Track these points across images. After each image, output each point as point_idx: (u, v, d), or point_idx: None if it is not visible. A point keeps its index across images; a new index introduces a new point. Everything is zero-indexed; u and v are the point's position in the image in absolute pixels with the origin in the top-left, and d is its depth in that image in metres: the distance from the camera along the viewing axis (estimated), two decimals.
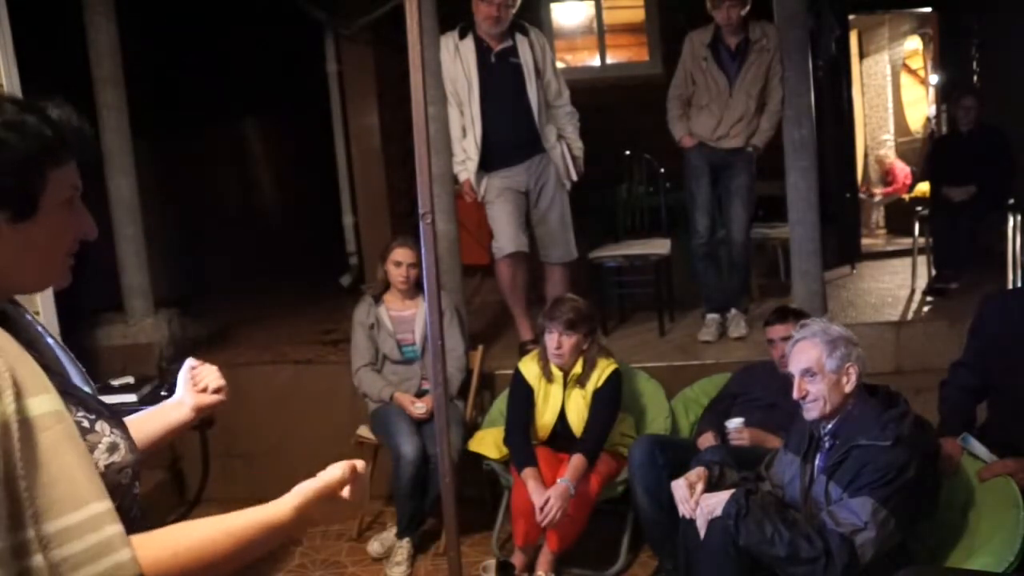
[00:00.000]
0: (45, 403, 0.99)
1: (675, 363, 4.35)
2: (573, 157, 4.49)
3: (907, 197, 8.07)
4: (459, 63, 4.33)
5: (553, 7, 7.52)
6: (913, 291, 5.43)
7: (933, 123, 8.70)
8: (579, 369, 3.58)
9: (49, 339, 1.25)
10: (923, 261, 5.54)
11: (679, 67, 4.73)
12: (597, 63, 7.66)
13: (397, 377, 3.99)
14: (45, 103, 1.14)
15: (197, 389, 1.58)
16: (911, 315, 4.93)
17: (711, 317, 4.74)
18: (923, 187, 6.81)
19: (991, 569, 2.48)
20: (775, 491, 2.87)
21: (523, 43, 4.38)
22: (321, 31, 6.48)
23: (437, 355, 2.47)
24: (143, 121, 4.82)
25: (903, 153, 9.22)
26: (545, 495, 3.32)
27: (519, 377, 3.68)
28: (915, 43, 9.27)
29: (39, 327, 1.25)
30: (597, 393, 3.54)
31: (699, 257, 4.79)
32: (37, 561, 0.93)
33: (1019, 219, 4.87)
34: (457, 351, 4.00)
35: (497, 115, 4.35)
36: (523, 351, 4.27)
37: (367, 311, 4.04)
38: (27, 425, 0.96)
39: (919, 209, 6.08)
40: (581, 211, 4.86)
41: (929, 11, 8.29)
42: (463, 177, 4.44)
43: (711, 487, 2.83)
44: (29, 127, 1.09)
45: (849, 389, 2.69)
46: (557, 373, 3.60)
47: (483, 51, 4.34)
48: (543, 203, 4.50)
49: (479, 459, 3.77)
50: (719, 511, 2.66)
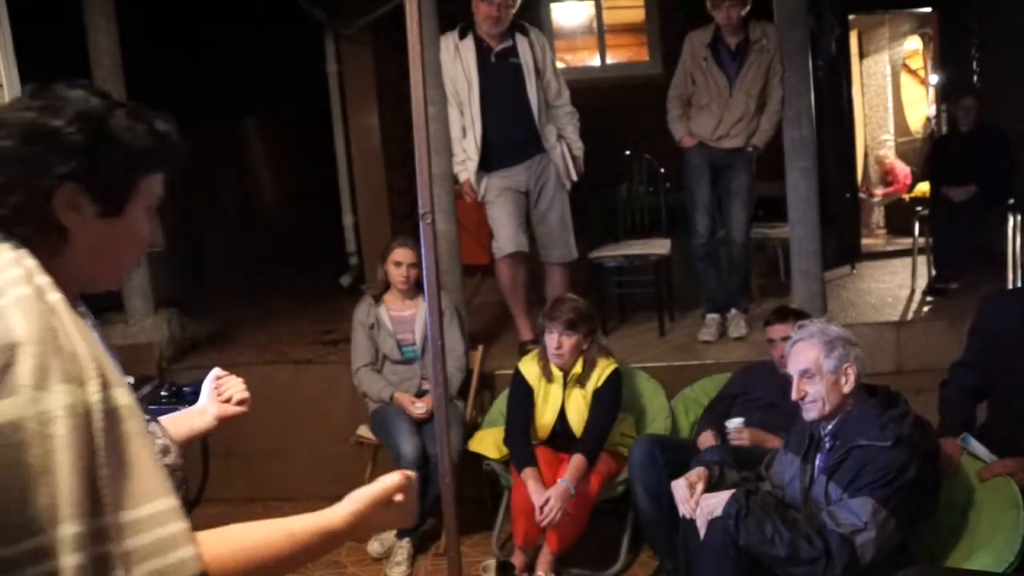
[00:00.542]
0: (124, 396, 1.03)
1: (675, 363, 4.35)
2: (573, 157, 4.49)
3: (907, 197, 8.07)
4: (459, 63, 4.33)
5: (553, 7, 7.52)
6: (913, 291, 5.42)
7: (933, 123, 8.70)
8: (579, 369, 3.58)
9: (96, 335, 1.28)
10: (923, 261, 5.54)
11: (679, 67, 4.73)
12: (597, 63, 7.65)
13: (397, 377, 3.99)
14: (153, 114, 1.19)
15: (221, 399, 1.63)
16: (911, 315, 4.93)
17: (711, 317, 4.74)
18: (923, 187, 6.81)
19: (991, 569, 2.48)
20: (775, 491, 2.87)
21: (523, 43, 4.38)
22: (321, 31, 6.48)
23: (437, 355, 2.47)
24: None
25: (903, 153, 9.21)
26: (545, 495, 3.32)
27: (519, 377, 3.68)
28: (915, 43, 9.27)
29: (89, 321, 1.26)
30: (597, 393, 3.54)
31: (699, 257, 4.79)
32: (111, 548, 0.95)
33: (1019, 219, 4.87)
34: (457, 351, 4.00)
35: (497, 115, 4.35)
36: (523, 351, 4.27)
37: (367, 311, 4.04)
38: (111, 415, 0.99)
39: (919, 209, 6.07)
40: (581, 211, 4.86)
41: (929, 11, 8.28)
42: (463, 177, 4.44)
43: (711, 487, 2.83)
44: (138, 132, 1.15)
45: (848, 389, 2.69)
46: (557, 373, 3.60)
47: (483, 51, 4.34)
48: (543, 203, 4.50)
49: (479, 459, 3.77)
50: (719, 511, 2.66)
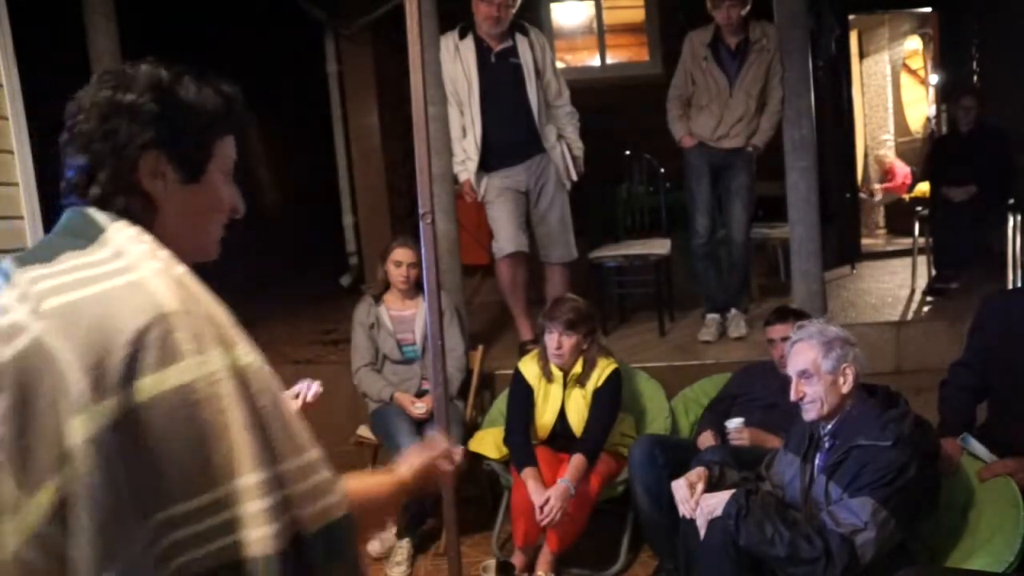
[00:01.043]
0: (259, 358, 1.09)
1: (675, 363, 4.35)
2: (573, 157, 4.49)
3: (907, 197, 8.08)
4: (459, 63, 4.34)
5: (553, 7, 7.52)
6: (913, 291, 5.43)
7: (933, 123, 8.71)
8: (579, 369, 3.58)
9: None
10: (923, 261, 5.54)
11: (679, 67, 4.73)
12: (597, 63, 7.66)
13: (397, 377, 3.99)
14: (216, 80, 1.25)
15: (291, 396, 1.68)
16: (911, 315, 4.94)
17: (711, 317, 4.74)
18: (923, 187, 6.81)
19: (991, 569, 2.48)
20: (775, 491, 2.86)
21: (523, 43, 4.38)
22: (321, 31, 6.48)
23: (437, 355, 2.47)
24: None
25: (903, 153, 9.22)
26: (545, 495, 3.31)
27: (519, 377, 3.68)
28: (915, 43, 9.27)
29: None
30: (597, 393, 3.54)
31: (699, 257, 4.79)
32: (287, 493, 1.04)
33: (1019, 219, 4.87)
34: (457, 351, 4.00)
35: (497, 115, 4.35)
36: (523, 351, 4.27)
37: (367, 311, 4.04)
38: (259, 375, 1.07)
39: (919, 209, 6.08)
40: (581, 211, 4.86)
41: (929, 11, 8.29)
42: (463, 177, 4.44)
43: (711, 487, 2.83)
44: (206, 95, 1.21)
45: (846, 390, 2.69)
46: (557, 373, 3.60)
47: (483, 51, 4.34)
48: (543, 203, 4.50)
49: (479, 459, 3.77)
50: (719, 511, 2.66)
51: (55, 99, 1.36)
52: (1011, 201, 5.05)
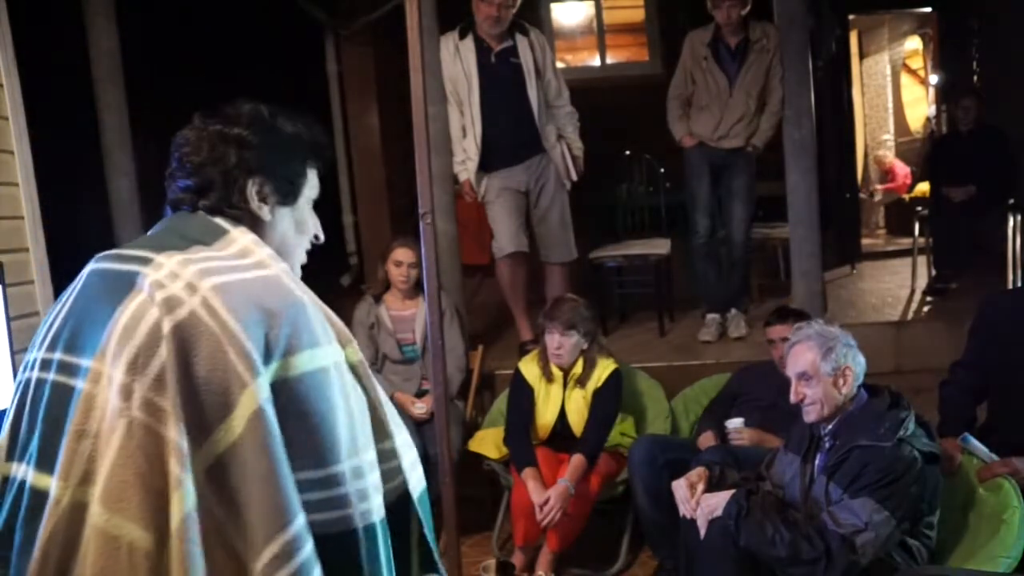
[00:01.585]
0: (358, 354, 1.27)
1: (675, 363, 4.35)
2: (573, 157, 4.49)
3: (907, 197, 8.08)
4: (459, 63, 4.33)
5: (553, 7, 7.52)
6: (913, 291, 5.43)
7: (933, 123, 8.71)
8: (579, 369, 3.58)
9: None
10: (923, 261, 5.54)
11: (679, 67, 4.73)
12: (597, 63, 7.65)
13: (397, 377, 3.99)
14: (305, 118, 1.40)
15: None
16: (911, 315, 4.94)
17: (711, 317, 4.74)
18: (923, 187, 6.82)
19: (991, 569, 2.48)
20: (775, 491, 2.86)
21: (523, 43, 4.38)
22: (321, 31, 6.48)
23: (437, 355, 2.48)
24: (143, 121, 4.81)
25: (903, 153, 9.22)
26: (545, 495, 3.31)
27: (519, 377, 3.68)
28: (915, 43, 9.27)
29: None
30: (597, 393, 3.54)
31: (699, 257, 4.79)
32: (392, 464, 1.26)
33: (1019, 219, 4.87)
34: (457, 351, 4.00)
35: (497, 115, 4.35)
36: (523, 351, 4.27)
37: (367, 311, 4.04)
38: (367, 368, 1.26)
39: (919, 209, 6.08)
40: (581, 211, 4.86)
41: (929, 11, 8.29)
42: (463, 177, 4.44)
43: (711, 487, 2.83)
44: (300, 130, 1.38)
45: (846, 391, 2.69)
46: (557, 373, 3.60)
47: (483, 51, 4.34)
48: (543, 203, 4.50)
49: (479, 459, 3.77)
50: (719, 511, 2.66)
51: (55, 99, 1.39)
52: (1011, 201, 5.05)
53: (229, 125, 1.31)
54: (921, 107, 9.29)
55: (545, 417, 3.62)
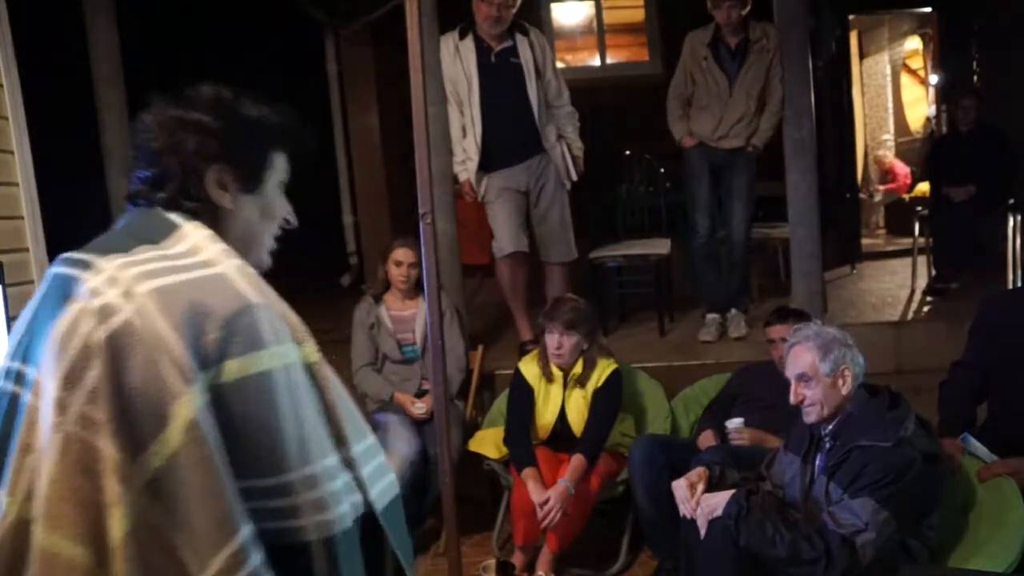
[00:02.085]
0: (322, 358, 1.21)
1: (675, 363, 4.35)
2: (573, 157, 4.49)
3: (907, 197, 8.08)
4: (459, 63, 4.33)
5: (553, 7, 7.51)
6: (913, 291, 5.43)
7: (933, 123, 8.71)
8: (579, 369, 3.58)
9: None
10: (923, 261, 5.54)
11: (679, 67, 4.73)
12: (597, 63, 7.65)
13: (397, 377, 3.99)
14: (271, 101, 1.34)
15: None
16: (911, 315, 4.94)
17: (711, 317, 4.74)
18: (923, 187, 6.81)
19: (991, 569, 2.48)
20: (775, 491, 2.86)
21: (523, 43, 4.38)
22: (321, 31, 6.48)
23: (437, 355, 2.47)
24: None
25: (903, 153, 9.22)
26: (545, 495, 3.31)
27: (519, 377, 3.67)
28: (915, 43, 9.27)
29: None
30: (597, 393, 3.54)
31: (699, 257, 4.79)
32: (358, 473, 1.18)
33: (1019, 219, 4.87)
34: (457, 351, 4.00)
35: (497, 115, 4.35)
36: (523, 351, 4.27)
37: (367, 311, 4.04)
38: (326, 371, 1.20)
39: (919, 209, 6.08)
40: (581, 211, 4.86)
41: (929, 11, 8.29)
42: (463, 177, 4.44)
43: (711, 487, 2.82)
44: (264, 114, 1.32)
45: (846, 391, 2.68)
46: (557, 373, 3.60)
47: (483, 51, 4.34)
48: (543, 203, 4.50)
49: (479, 459, 3.77)
50: (720, 511, 2.66)
51: (55, 99, 1.39)
52: (1011, 201, 5.05)
53: (188, 109, 1.26)
54: (921, 107, 9.29)
55: (545, 417, 3.62)
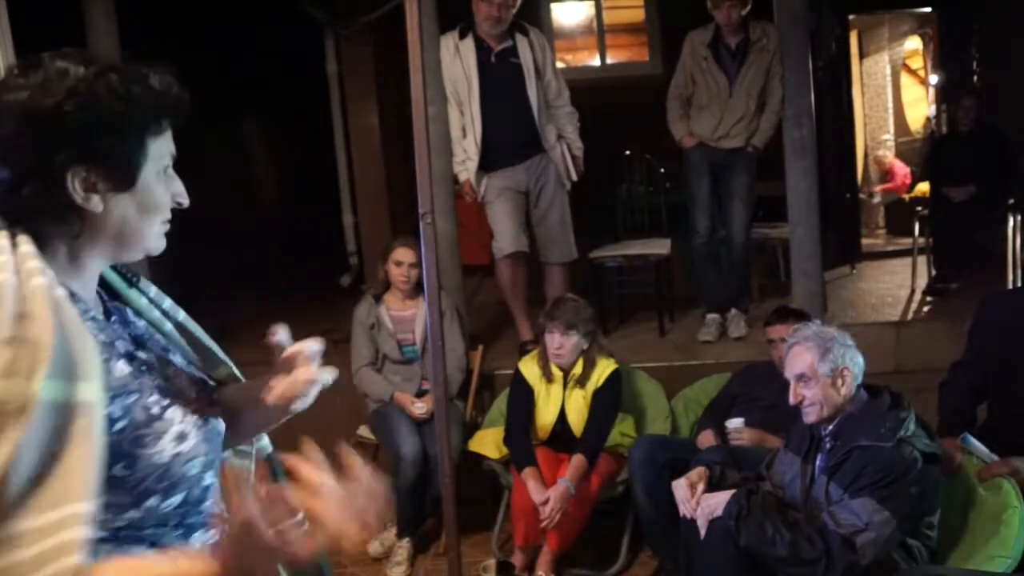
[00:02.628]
0: (87, 391, 0.97)
1: (675, 363, 4.35)
2: (573, 157, 4.49)
3: (907, 197, 8.08)
4: (459, 63, 4.33)
5: (553, 7, 7.51)
6: (913, 291, 5.43)
7: (933, 123, 8.71)
8: (579, 369, 3.58)
9: (167, 321, 1.25)
10: (923, 261, 5.54)
11: (679, 67, 4.73)
12: (597, 63, 7.65)
13: (397, 377, 3.99)
14: (147, 71, 1.11)
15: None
16: (911, 315, 4.94)
17: (711, 317, 4.74)
18: (923, 187, 6.81)
19: (991, 569, 2.48)
20: (775, 491, 2.86)
21: (523, 43, 4.38)
22: (321, 31, 6.48)
23: (437, 355, 2.48)
24: None
25: (903, 153, 9.22)
26: (545, 495, 3.31)
27: (519, 377, 3.68)
28: (915, 43, 9.27)
29: (157, 307, 1.25)
30: (597, 393, 3.54)
31: (699, 257, 4.79)
32: (19, 556, 0.90)
33: (1019, 219, 4.87)
34: (457, 351, 4.00)
35: (497, 115, 4.35)
36: (523, 351, 4.27)
37: (367, 311, 4.04)
38: (58, 411, 0.94)
39: (919, 209, 6.08)
40: (581, 211, 4.86)
41: (929, 11, 8.29)
42: (463, 177, 4.44)
43: (711, 487, 2.83)
44: (134, 97, 1.08)
45: (845, 391, 2.68)
46: (557, 373, 3.60)
47: (483, 51, 4.34)
48: (543, 203, 4.50)
49: (479, 459, 3.77)
50: (720, 511, 2.66)
51: None
52: (1011, 201, 5.05)
53: (43, 93, 1.03)
54: (921, 107, 9.29)
55: (545, 417, 3.62)
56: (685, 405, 3.99)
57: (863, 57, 9.14)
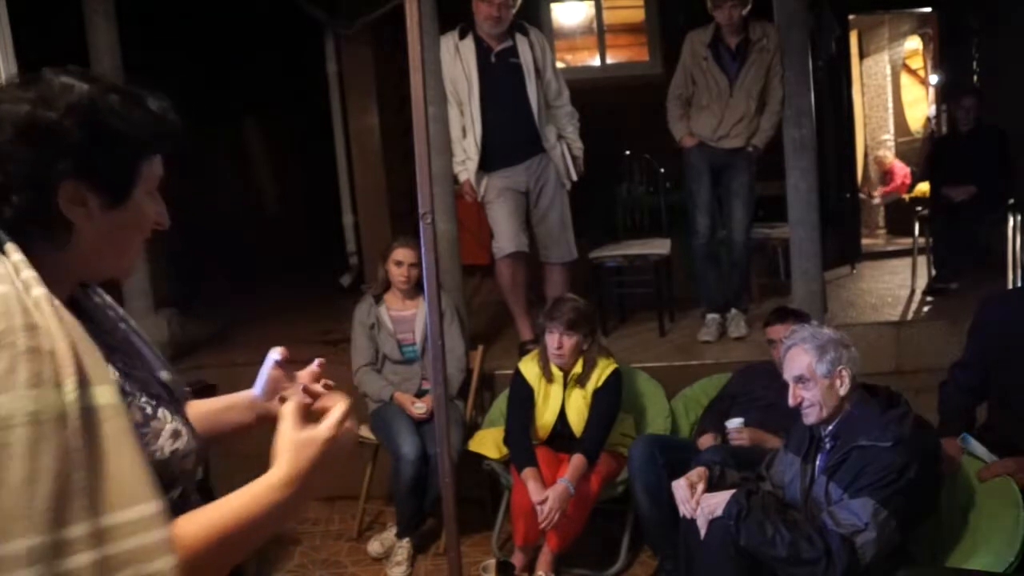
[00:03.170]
0: (107, 394, 0.98)
1: (675, 363, 4.35)
2: (573, 157, 4.49)
3: (907, 197, 8.08)
4: (459, 63, 4.34)
5: (553, 7, 7.52)
6: (913, 291, 5.43)
7: (933, 123, 8.71)
8: (579, 369, 3.58)
9: (122, 324, 1.27)
10: (923, 261, 5.54)
11: (679, 67, 4.73)
12: (597, 63, 7.65)
13: (397, 377, 3.99)
14: (146, 94, 1.16)
15: (277, 396, 1.46)
16: (911, 315, 4.94)
17: (711, 317, 4.74)
18: (923, 187, 6.81)
19: (991, 569, 2.48)
20: (775, 491, 2.86)
21: (523, 43, 4.38)
22: (321, 31, 6.48)
23: (437, 355, 2.47)
24: None
25: (903, 153, 9.22)
26: (544, 495, 3.32)
27: (519, 377, 3.68)
28: (915, 43, 9.27)
29: (112, 311, 1.27)
30: (597, 393, 3.54)
31: (699, 257, 4.79)
32: (78, 561, 0.90)
33: (1019, 219, 4.87)
34: (457, 351, 4.00)
35: (497, 115, 4.35)
36: (523, 351, 4.27)
37: (367, 311, 4.04)
38: (89, 415, 0.95)
39: (919, 209, 6.08)
40: (581, 211, 4.86)
41: (929, 11, 8.29)
42: (463, 177, 4.44)
43: (711, 487, 2.83)
44: (133, 117, 1.12)
45: (844, 392, 2.69)
46: (557, 373, 3.60)
47: (483, 51, 4.35)
48: (543, 203, 4.50)
49: (479, 459, 3.77)
50: (720, 511, 2.66)
51: None
52: (1011, 201, 5.05)
53: (41, 107, 1.05)
54: (921, 107, 9.29)
55: (545, 417, 3.62)
56: (685, 405, 4.00)
57: (863, 57, 9.14)
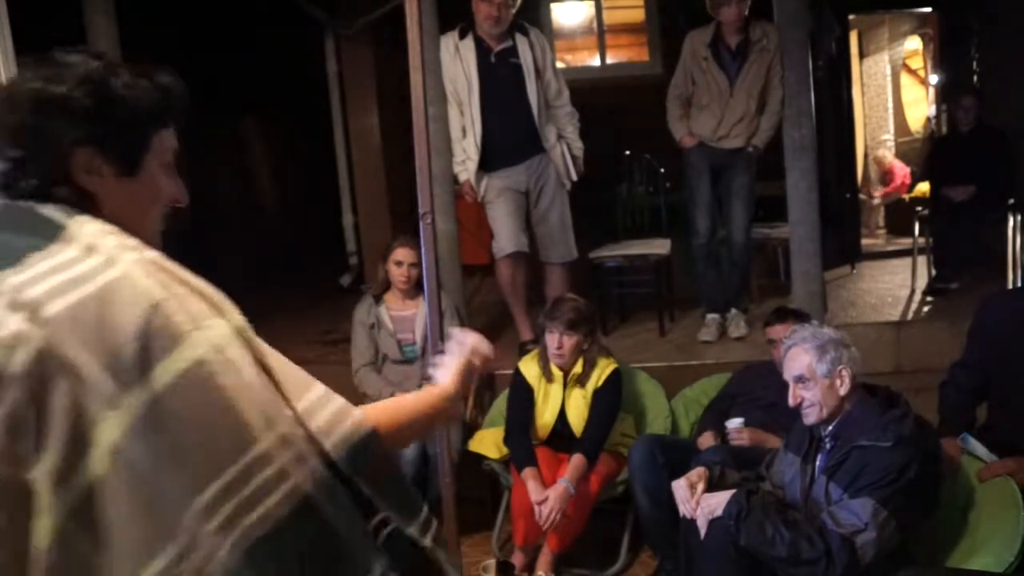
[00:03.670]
0: (239, 317, 1.14)
1: (675, 363, 4.34)
2: (573, 157, 4.49)
3: (907, 197, 8.08)
4: (459, 63, 4.34)
5: (553, 7, 7.52)
6: (913, 291, 5.43)
7: (933, 123, 8.71)
8: (579, 369, 3.58)
9: None
10: (923, 261, 5.54)
11: (679, 67, 4.72)
12: (597, 63, 7.65)
13: (397, 377, 3.99)
14: (153, 70, 1.21)
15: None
16: (911, 315, 4.94)
17: (711, 317, 4.74)
18: (923, 187, 6.81)
19: (991, 569, 2.48)
20: (775, 491, 2.86)
21: (523, 43, 4.38)
22: (321, 31, 6.49)
23: (437, 355, 2.47)
24: None
25: (903, 153, 9.22)
26: (544, 494, 3.31)
27: (519, 377, 3.68)
28: (915, 43, 9.28)
29: None
30: (597, 393, 3.54)
31: (699, 257, 4.79)
32: (302, 432, 1.09)
33: (1019, 219, 4.88)
34: None
35: (497, 115, 4.35)
36: (523, 351, 4.27)
37: (367, 311, 4.04)
38: (250, 332, 1.13)
39: (919, 209, 6.08)
40: (581, 211, 4.87)
41: (929, 11, 8.29)
42: (463, 177, 4.44)
43: (711, 487, 2.82)
44: (142, 88, 1.18)
45: (844, 392, 2.68)
46: (557, 373, 3.60)
47: (483, 51, 4.34)
48: (543, 203, 4.50)
49: (479, 459, 3.77)
50: (720, 511, 2.66)
51: None
52: (1011, 201, 5.05)
53: (51, 83, 1.11)
54: (921, 107, 9.30)
55: (545, 417, 3.62)
56: (685, 405, 3.99)
57: (863, 57, 9.14)
